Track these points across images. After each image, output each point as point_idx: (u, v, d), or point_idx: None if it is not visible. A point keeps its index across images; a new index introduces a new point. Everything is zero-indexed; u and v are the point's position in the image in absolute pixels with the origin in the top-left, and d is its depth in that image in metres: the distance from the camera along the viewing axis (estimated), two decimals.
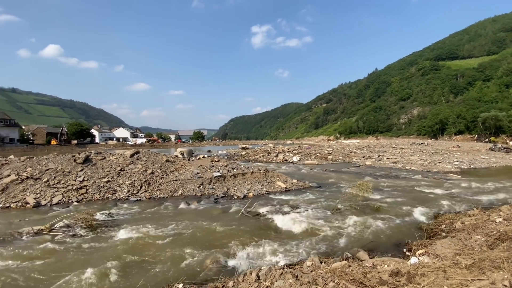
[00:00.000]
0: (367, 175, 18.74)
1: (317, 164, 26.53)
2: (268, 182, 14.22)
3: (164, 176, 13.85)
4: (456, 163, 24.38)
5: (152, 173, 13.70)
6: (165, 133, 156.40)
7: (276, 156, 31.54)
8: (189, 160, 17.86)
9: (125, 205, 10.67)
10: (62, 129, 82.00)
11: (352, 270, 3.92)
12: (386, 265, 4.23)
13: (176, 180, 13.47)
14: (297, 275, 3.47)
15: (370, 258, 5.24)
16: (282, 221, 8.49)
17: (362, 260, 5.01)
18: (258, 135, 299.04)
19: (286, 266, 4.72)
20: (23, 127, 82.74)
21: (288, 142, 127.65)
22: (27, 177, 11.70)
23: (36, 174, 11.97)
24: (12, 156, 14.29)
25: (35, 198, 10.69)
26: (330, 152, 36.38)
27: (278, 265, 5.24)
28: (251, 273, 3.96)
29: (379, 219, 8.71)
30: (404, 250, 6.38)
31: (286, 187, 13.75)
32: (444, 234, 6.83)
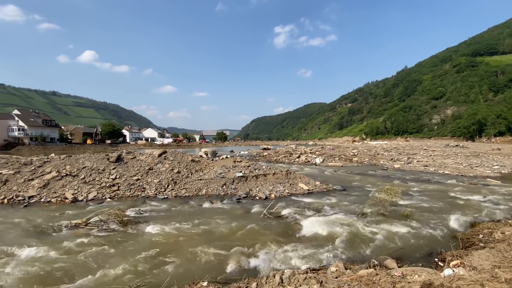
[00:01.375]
0: (396, 179, 17.89)
1: (341, 166, 25.81)
2: (290, 184, 14.11)
3: (190, 175, 14.29)
4: (496, 167, 22.43)
5: (178, 172, 14.20)
6: (190, 133, 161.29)
7: (298, 157, 31.18)
8: (212, 160, 18.26)
9: (153, 203, 11.18)
10: (97, 129, 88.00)
11: (379, 279, 3.77)
12: (416, 276, 4.02)
13: (200, 179, 13.84)
14: (321, 281, 3.42)
15: (399, 267, 5.01)
16: (305, 224, 8.39)
17: (390, 269, 4.80)
18: (279, 135, 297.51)
19: (310, 270, 4.66)
20: (62, 128, 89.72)
21: (311, 143, 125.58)
22: (66, 174, 12.69)
23: (74, 172, 12.93)
24: (53, 155, 15.56)
25: (73, 194, 11.56)
26: (355, 153, 35.22)
27: (301, 269, 5.19)
28: (274, 276, 3.96)
29: (409, 226, 8.29)
30: (437, 260, 6.01)
31: (308, 189, 13.55)
32: (481, 244, 6.33)
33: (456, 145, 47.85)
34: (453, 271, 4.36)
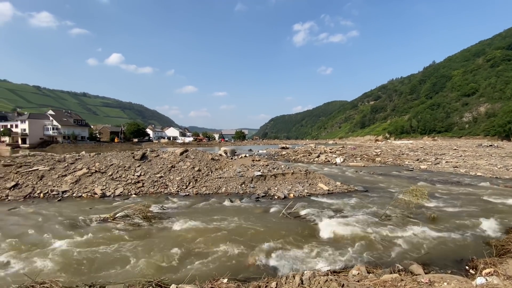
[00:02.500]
0: (422, 180, 17.06)
1: (363, 166, 25.03)
2: (310, 184, 13.92)
3: (210, 173, 14.57)
4: None
5: (199, 170, 14.54)
6: (210, 132, 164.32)
7: (318, 156, 30.67)
8: (231, 158, 18.47)
9: (175, 199, 11.55)
10: (121, 128, 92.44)
11: (405, 285, 3.62)
12: (445, 283, 3.82)
13: (220, 177, 14.07)
14: (343, 284, 3.35)
15: (426, 273, 4.78)
16: (324, 225, 8.25)
17: (416, 275, 4.59)
18: (298, 134, 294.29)
19: (330, 272, 4.59)
20: (92, 127, 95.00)
21: (331, 142, 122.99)
22: (95, 171, 13.44)
23: (102, 169, 13.67)
24: (83, 152, 16.55)
25: (101, 190, 12.23)
26: (378, 153, 34.01)
27: (321, 270, 5.12)
28: (294, 277, 3.94)
29: (436, 230, 7.87)
30: (467, 267, 5.67)
31: (328, 190, 13.30)
32: None
33: (490, 145, 44.62)
34: (486, 279, 4.09)
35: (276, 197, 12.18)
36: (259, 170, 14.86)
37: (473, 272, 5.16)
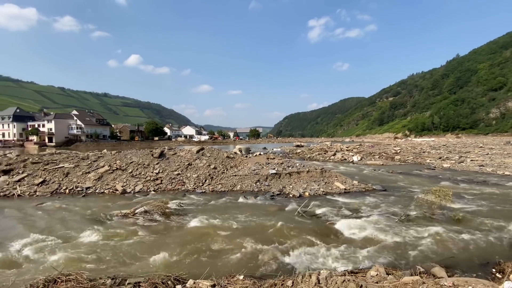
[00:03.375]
0: (445, 180, 16.32)
1: (382, 164, 24.32)
2: (325, 182, 13.72)
3: (225, 171, 14.73)
4: None
5: (215, 168, 14.73)
6: (225, 130, 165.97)
7: (334, 154, 30.13)
8: (246, 157, 18.55)
9: (192, 196, 11.80)
10: (138, 127, 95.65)
11: None
12: (470, 287, 3.65)
13: (235, 175, 14.18)
14: (361, 285, 3.28)
15: (449, 276, 4.59)
16: (341, 225, 8.11)
17: (438, 278, 4.41)
18: (313, 132, 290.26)
19: (348, 273, 4.51)
20: (112, 126, 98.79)
21: (347, 139, 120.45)
22: (116, 168, 13.98)
23: (123, 166, 14.19)
24: (105, 150, 17.26)
25: (122, 186, 12.71)
26: (398, 151, 32.92)
27: (338, 270, 5.04)
28: (310, 276, 3.91)
29: (460, 232, 7.51)
30: (494, 271, 5.38)
31: (345, 189, 13.05)
32: None
33: None
34: None
35: (291, 195, 12.12)
36: (274, 168, 14.83)
37: (500, 276, 4.89)
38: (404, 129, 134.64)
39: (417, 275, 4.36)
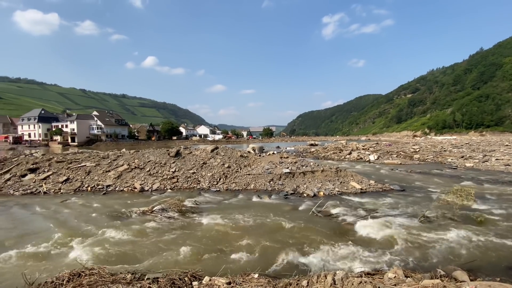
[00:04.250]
0: (467, 179, 15.61)
1: (400, 164, 23.59)
2: (341, 182, 13.50)
3: (239, 170, 14.85)
4: None
5: (229, 167, 14.89)
6: (238, 130, 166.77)
7: (349, 153, 29.54)
8: (260, 155, 18.59)
9: (207, 194, 11.99)
10: (154, 127, 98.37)
11: None
12: None
13: (249, 174, 14.26)
14: (378, 287, 3.22)
15: (471, 280, 4.41)
16: (357, 225, 7.98)
17: (460, 282, 4.25)
18: (328, 130, 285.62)
19: (364, 274, 4.43)
20: (130, 126, 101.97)
21: (363, 138, 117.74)
22: (135, 167, 14.44)
23: (141, 165, 14.64)
24: (124, 150, 17.88)
25: (140, 184, 13.12)
26: (417, 150, 31.79)
27: (354, 271, 4.97)
28: (326, 276, 3.89)
29: (483, 234, 7.18)
30: None
31: (361, 189, 12.78)
32: None
33: None
34: None
35: (305, 194, 12.03)
36: (288, 168, 14.77)
37: None
38: (423, 127, 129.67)
39: (437, 278, 4.22)
